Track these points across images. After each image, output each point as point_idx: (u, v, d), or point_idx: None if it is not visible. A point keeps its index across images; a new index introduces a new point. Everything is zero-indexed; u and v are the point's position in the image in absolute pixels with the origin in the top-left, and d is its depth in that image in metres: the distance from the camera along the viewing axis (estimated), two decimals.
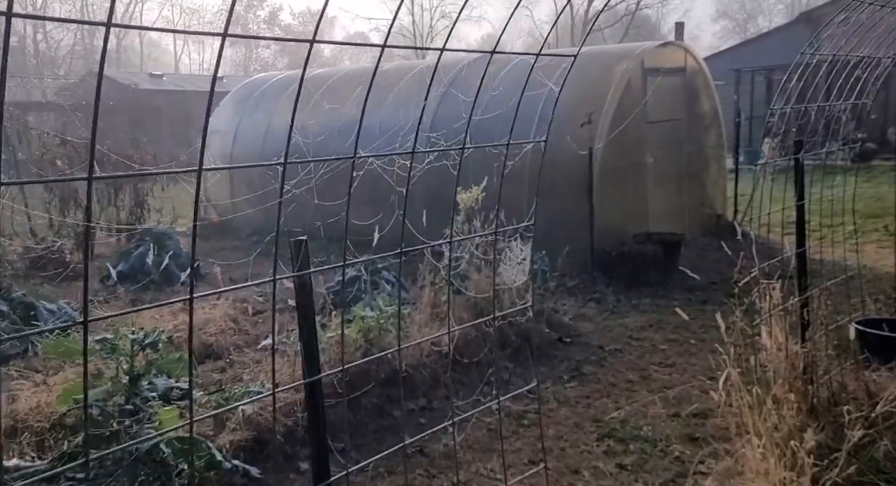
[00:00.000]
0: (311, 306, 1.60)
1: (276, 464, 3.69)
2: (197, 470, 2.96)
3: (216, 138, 11.32)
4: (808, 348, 3.17)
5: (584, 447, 3.79)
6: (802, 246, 3.21)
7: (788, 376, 3.02)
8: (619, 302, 6.42)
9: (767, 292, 3.07)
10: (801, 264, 3.21)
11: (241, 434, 3.59)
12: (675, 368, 4.86)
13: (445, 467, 3.69)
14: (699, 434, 3.78)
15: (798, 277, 3.19)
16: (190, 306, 1.32)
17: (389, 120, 8.97)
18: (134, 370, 3.09)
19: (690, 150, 8.52)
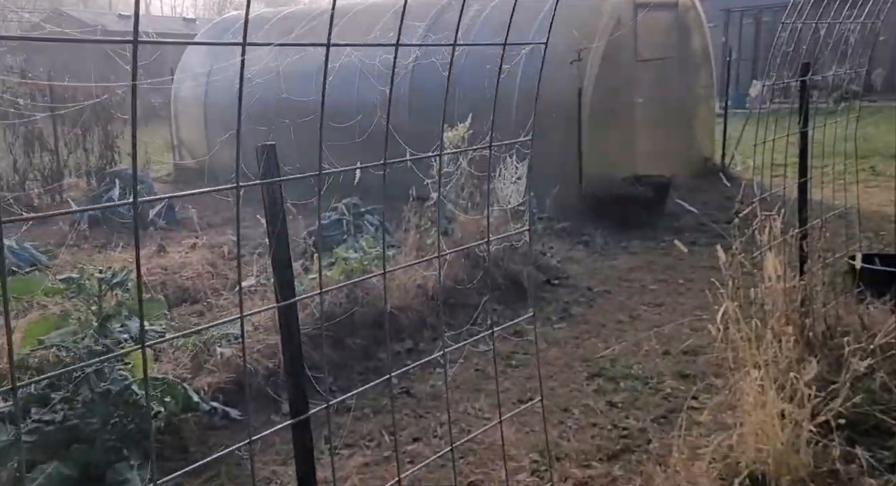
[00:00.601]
0: (283, 223, 1.42)
1: (259, 405, 3.58)
2: (173, 412, 2.83)
3: (188, 81, 10.82)
4: (806, 280, 3.07)
5: (574, 386, 3.72)
6: (805, 175, 3.07)
7: (786, 309, 2.93)
8: (607, 244, 6.31)
9: (768, 224, 2.94)
10: (802, 195, 3.08)
11: (220, 376, 3.46)
12: (664, 307, 4.80)
13: (433, 407, 3.61)
14: (690, 371, 3.72)
15: (799, 208, 3.06)
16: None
17: (373, 60, 8.59)
18: (102, 311, 2.91)
19: (680, 90, 8.30)
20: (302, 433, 1.44)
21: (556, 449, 3.07)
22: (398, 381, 3.92)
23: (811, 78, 2.91)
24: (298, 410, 1.43)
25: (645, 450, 3.00)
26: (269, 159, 1.35)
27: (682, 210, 7.27)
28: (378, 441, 3.30)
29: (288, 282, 1.44)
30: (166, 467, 2.99)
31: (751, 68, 16.19)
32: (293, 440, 1.48)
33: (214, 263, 5.61)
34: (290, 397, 1.46)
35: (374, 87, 8.45)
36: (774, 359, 2.72)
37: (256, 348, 3.73)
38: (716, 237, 6.48)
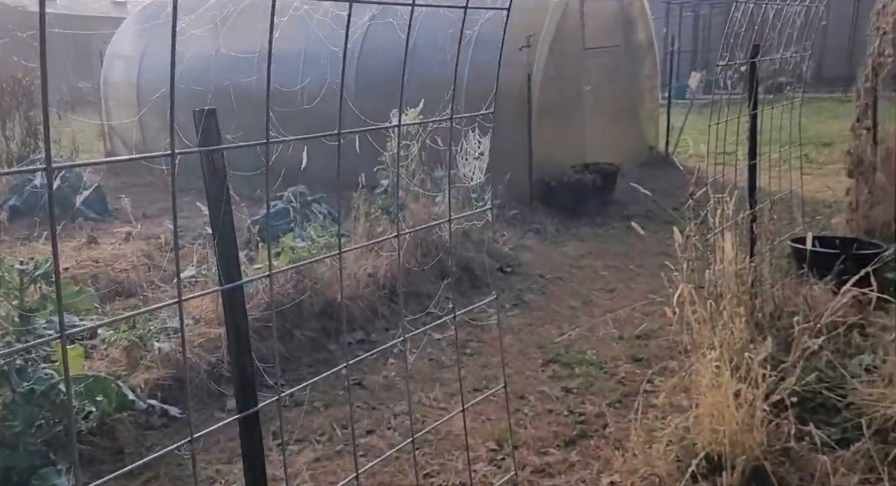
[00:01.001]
0: (225, 198, 1.29)
1: (202, 402, 3.40)
2: (106, 411, 2.63)
3: (119, 64, 10.27)
4: (756, 262, 3.10)
5: (529, 373, 3.68)
6: (754, 158, 3.09)
7: (738, 290, 2.95)
8: (558, 232, 6.32)
9: (721, 206, 2.96)
10: (752, 177, 3.11)
11: (159, 372, 3.26)
12: (616, 293, 4.82)
13: (386, 398, 3.50)
14: (644, 355, 3.74)
15: (749, 190, 3.09)
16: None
17: (317, 45, 8.34)
18: (25, 305, 2.67)
19: (626, 80, 8.40)
20: (250, 429, 1.31)
21: (513, 437, 3.01)
22: (350, 373, 3.79)
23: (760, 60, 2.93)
24: (246, 403, 1.30)
25: (602, 435, 2.98)
26: (209, 125, 1.21)
27: (629, 198, 7.38)
28: (330, 435, 3.17)
29: (233, 257, 1.31)
30: (100, 470, 2.79)
31: (690, 60, 16.62)
32: (240, 435, 1.35)
33: (151, 254, 5.31)
34: (237, 388, 1.33)
35: (319, 71, 8.20)
36: (728, 340, 2.73)
37: (198, 342, 3.53)
38: (664, 224, 6.59)
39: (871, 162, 4.85)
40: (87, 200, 7.10)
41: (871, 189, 4.81)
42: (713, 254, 2.95)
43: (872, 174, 4.83)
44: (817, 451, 2.50)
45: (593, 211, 6.76)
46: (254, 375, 1.36)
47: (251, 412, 1.29)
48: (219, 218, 1.26)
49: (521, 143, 6.84)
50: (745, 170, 3.42)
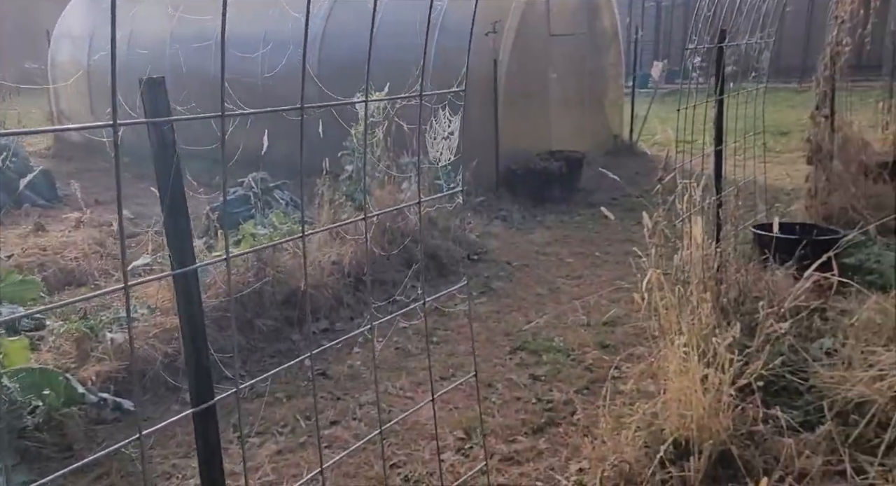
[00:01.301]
0: (175, 169, 1.19)
1: (157, 395, 3.26)
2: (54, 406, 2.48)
3: (67, 44, 9.83)
4: (722, 247, 3.12)
5: (496, 360, 3.64)
6: (720, 144, 3.09)
7: (703, 276, 2.96)
8: (524, 219, 6.30)
9: (689, 191, 2.95)
10: (718, 162, 3.11)
11: (111, 364, 3.11)
12: (582, 280, 4.82)
13: (351, 388, 3.42)
14: (611, 341, 3.74)
15: (716, 175, 3.09)
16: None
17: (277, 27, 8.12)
18: None
19: (592, 68, 8.40)
20: (206, 424, 1.22)
21: (482, 426, 2.97)
22: (314, 363, 3.69)
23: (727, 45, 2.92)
24: (201, 396, 1.21)
25: (570, 422, 2.96)
26: (156, 95, 1.11)
27: (595, 185, 7.41)
28: (293, 427, 3.08)
29: (186, 238, 1.21)
30: (47, 467, 2.65)
31: (652, 50, 16.79)
32: (195, 431, 1.26)
33: (103, 242, 5.10)
34: (192, 380, 1.24)
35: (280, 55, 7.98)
36: (695, 326, 2.73)
37: (153, 333, 3.38)
38: (628, 211, 6.63)
39: (828, 150, 4.94)
40: (35, 185, 6.79)
41: (828, 176, 4.91)
42: (681, 240, 2.95)
43: (830, 162, 4.93)
44: (782, 434, 2.52)
45: (559, 198, 6.76)
46: (209, 366, 1.26)
47: (206, 406, 1.20)
48: (170, 194, 1.16)
49: (488, 130, 6.78)
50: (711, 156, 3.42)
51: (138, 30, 9.27)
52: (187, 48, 8.74)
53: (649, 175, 8.08)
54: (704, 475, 2.38)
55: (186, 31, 8.90)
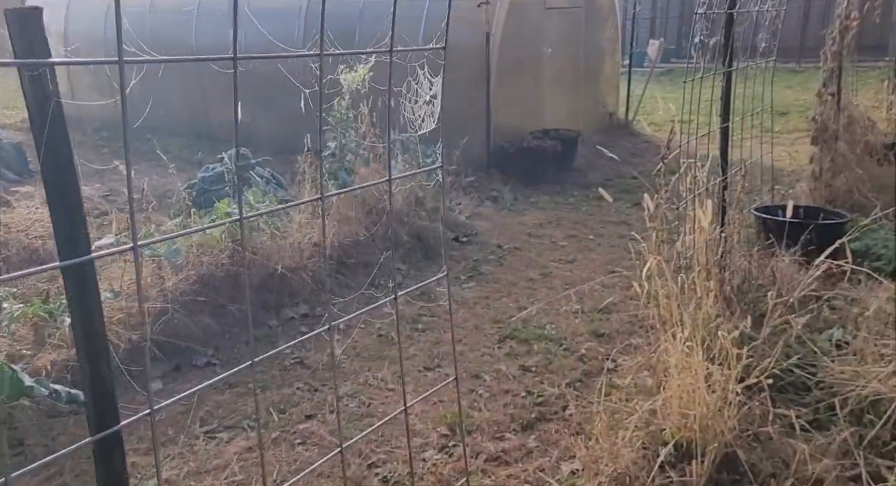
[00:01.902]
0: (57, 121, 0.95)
1: (120, 385, 3.03)
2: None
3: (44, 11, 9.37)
4: (727, 232, 2.91)
5: (484, 350, 3.44)
6: (727, 120, 2.86)
7: (706, 262, 2.75)
8: (516, 200, 6.07)
9: (693, 171, 2.73)
10: (724, 141, 2.89)
11: (69, 352, 2.88)
12: (575, 264, 4.62)
13: (329, 378, 3.21)
14: (605, 330, 3.54)
15: (721, 154, 2.87)
16: None
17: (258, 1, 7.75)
18: None
19: (587, 43, 8.11)
20: (108, 452, 1.00)
21: (466, 421, 2.78)
22: (291, 351, 3.48)
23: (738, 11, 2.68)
24: (102, 418, 0.99)
25: (562, 418, 2.77)
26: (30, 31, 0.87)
27: (589, 165, 7.18)
28: (265, 421, 2.87)
29: (73, 213, 0.97)
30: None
31: (648, 28, 16.44)
32: (94, 457, 1.03)
33: None
34: (90, 397, 1.01)
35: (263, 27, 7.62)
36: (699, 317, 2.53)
37: (117, 318, 3.15)
38: (624, 192, 6.42)
39: (834, 130, 4.73)
40: (5, 159, 6.48)
41: (833, 157, 4.70)
42: (683, 224, 2.73)
43: (835, 142, 4.72)
44: (791, 435, 2.34)
45: (552, 179, 6.53)
46: (112, 380, 1.04)
47: (108, 433, 0.98)
48: (53, 162, 0.93)
49: (479, 106, 6.51)
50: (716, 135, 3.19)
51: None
52: (166, 19, 8.38)
53: (645, 155, 7.87)
54: (708, 480, 2.20)
55: (166, 2, 8.53)
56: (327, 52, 1.06)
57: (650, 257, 2.58)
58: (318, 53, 1.00)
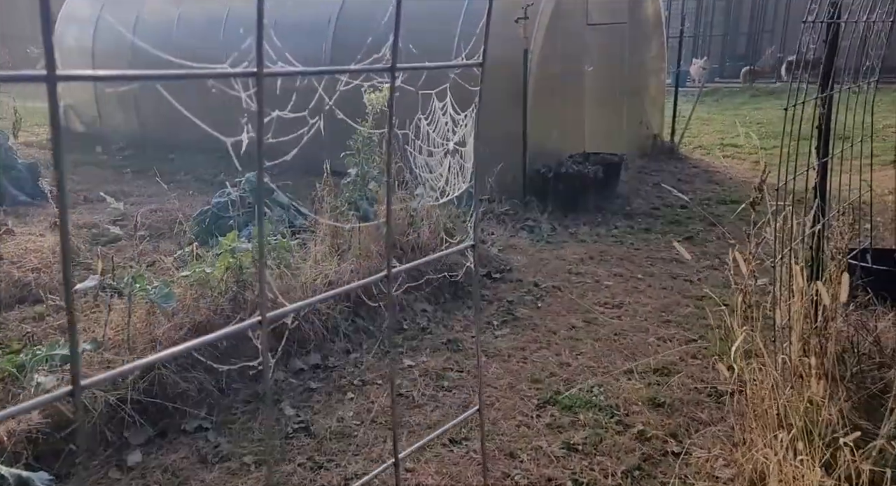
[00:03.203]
0: None
1: (94, 456, 2.60)
2: None
3: (73, 29, 9.30)
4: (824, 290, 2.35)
5: (521, 418, 2.92)
6: (826, 155, 2.33)
7: (805, 332, 2.21)
8: (554, 230, 5.55)
9: (784, 217, 2.19)
10: (822, 178, 2.35)
11: (33, 419, 2.45)
12: (623, 309, 4.07)
13: (337, 451, 2.73)
14: (664, 398, 2.99)
15: (819, 195, 2.32)
16: None
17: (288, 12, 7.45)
18: None
19: (632, 61, 7.60)
20: None
21: None
22: (295, 412, 3.01)
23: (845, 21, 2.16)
24: None
25: None
26: None
27: (632, 192, 6.63)
28: None
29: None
30: None
31: (691, 46, 15.82)
32: None
33: (75, 248, 4.47)
34: None
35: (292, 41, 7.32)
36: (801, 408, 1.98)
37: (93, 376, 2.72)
38: (672, 223, 5.86)
39: None
40: (19, 179, 6.22)
41: None
42: (774, 283, 2.20)
43: None
44: None
45: (593, 207, 6.00)
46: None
47: None
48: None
49: (515, 128, 6.03)
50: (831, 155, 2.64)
51: (145, 14, 8.70)
52: (193, 30, 8.15)
53: (694, 181, 7.28)
54: None
55: (194, 14, 8.32)
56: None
57: (738, 331, 2.05)
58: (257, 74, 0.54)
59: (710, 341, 3.40)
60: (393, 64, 0.66)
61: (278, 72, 0.58)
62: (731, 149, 8.64)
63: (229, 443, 2.77)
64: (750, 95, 13.63)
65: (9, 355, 2.79)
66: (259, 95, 0.57)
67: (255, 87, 0.56)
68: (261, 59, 0.56)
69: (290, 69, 0.59)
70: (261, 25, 0.55)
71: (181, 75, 0.58)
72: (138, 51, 8.79)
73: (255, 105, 0.57)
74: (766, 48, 15.38)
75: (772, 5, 15.62)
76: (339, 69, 0.66)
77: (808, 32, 2.03)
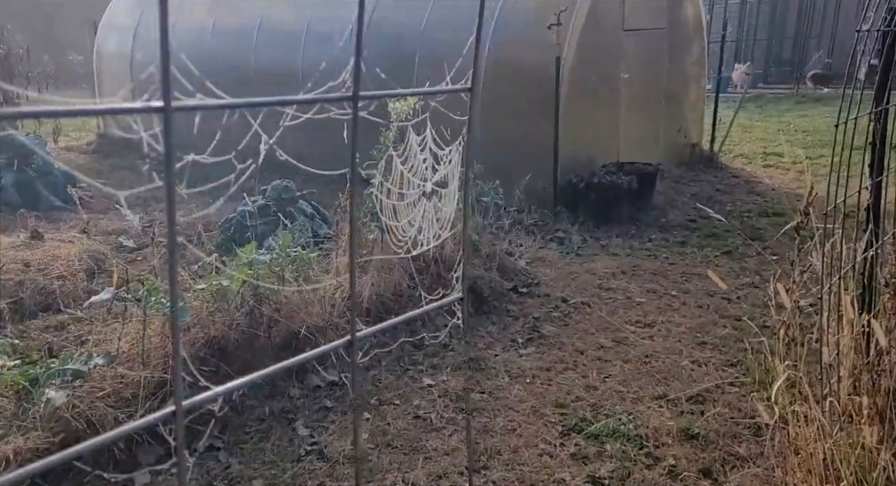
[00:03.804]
0: None
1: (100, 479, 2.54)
2: None
3: (114, 36, 9.47)
4: (883, 322, 2.14)
5: (543, 446, 2.76)
6: (881, 173, 2.13)
7: (855, 367, 2.01)
8: (585, 243, 5.37)
9: (833, 242, 2.00)
10: (876, 199, 2.14)
11: (39, 438, 2.40)
12: (655, 329, 3.87)
13: (350, 476, 2.62)
14: (699, 429, 2.79)
15: (874, 218, 2.12)
16: None
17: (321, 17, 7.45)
18: None
19: (670, 67, 7.36)
20: None
21: None
22: (309, 432, 2.92)
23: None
24: None
25: None
26: None
27: (668, 203, 6.39)
28: None
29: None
30: None
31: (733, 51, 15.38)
32: None
33: (101, 257, 4.48)
34: None
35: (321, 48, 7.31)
36: (847, 448, 1.79)
37: (106, 391, 2.67)
38: (709, 237, 5.61)
39: None
40: (54, 185, 6.32)
41: None
42: (821, 314, 2.00)
43: None
44: None
45: (626, 218, 5.79)
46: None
47: None
48: None
49: (545, 137, 5.87)
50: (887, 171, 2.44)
51: (182, 21, 8.82)
52: (226, 38, 8.22)
53: (734, 192, 7.00)
54: None
55: (228, 23, 8.39)
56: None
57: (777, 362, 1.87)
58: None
59: (749, 368, 3.19)
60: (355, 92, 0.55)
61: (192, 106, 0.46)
62: (775, 158, 8.30)
63: (240, 464, 2.68)
64: (795, 101, 13.16)
65: (25, 366, 2.76)
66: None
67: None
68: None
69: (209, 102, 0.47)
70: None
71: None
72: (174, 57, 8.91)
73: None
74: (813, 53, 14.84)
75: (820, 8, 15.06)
76: (285, 100, 0.55)
77: (863, 42, 1.84)
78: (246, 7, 8.26)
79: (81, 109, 0.46)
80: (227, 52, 8.08)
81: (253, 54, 8.03)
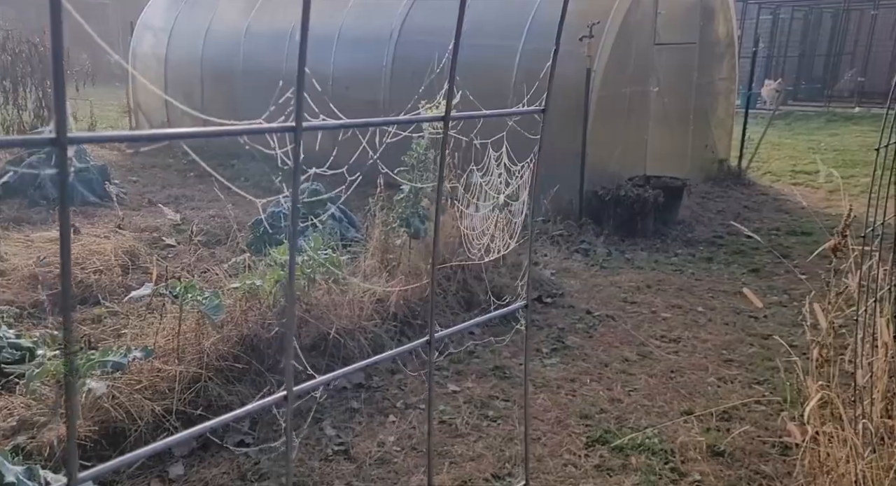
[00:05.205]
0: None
1: (138, 467, 2.62)
2: None
3: (149, 36, 9.68)
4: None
5: (567, 456, 2.78)
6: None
7: (888, 391, 2.01)
8: (610, 255, 5.37)
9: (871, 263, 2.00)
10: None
11: (82, 425, 2.48)
12: (681, 344, 3.87)
13: (376, 477, 2.66)
14: (724, 446, 2.79)
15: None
16: None
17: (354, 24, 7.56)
18: None
19: (700, 81, 7.34)
20: None
21: None
22: (336, 432, 2.97)
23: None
24: None
25: None
26: None
27: (694, 217, 6.37)
28: None
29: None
30: None
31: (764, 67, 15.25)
32: None
33: (136, 252, 4.59)
34: None
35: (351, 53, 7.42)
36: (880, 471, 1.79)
37: (144, 384, 2.75)
38: (736, 254, 5.58)
39: None
40: (90, 181, 6.48)
41: None
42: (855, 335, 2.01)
43: None
44: None
45: (652, 232, 5.79)
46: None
47: None
48: None
49: (573, 148, 5.90)
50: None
51: (216, 24, 9.00)
52: (259, 42, 8.36)
53: (762, 209, 6.95)
54: None
55: (262, 26, 8.54)
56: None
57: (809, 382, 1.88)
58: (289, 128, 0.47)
59: (776, 387, 3.18)
60: (447, 112, 0.59)
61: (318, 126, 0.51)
62: (804, 176, 8.23)
63: (269, 461, 2.74)
64: (826, 119, 13.03)
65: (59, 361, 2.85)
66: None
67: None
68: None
69: (331, 122, 0.52)
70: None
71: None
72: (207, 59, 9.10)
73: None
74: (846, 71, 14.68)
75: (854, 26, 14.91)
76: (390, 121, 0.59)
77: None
78: (279, 13, 8.40)
79: (223, 130, 0.51)
80: (260, 54, 8.23)
81: (285, 58, 8.16)
